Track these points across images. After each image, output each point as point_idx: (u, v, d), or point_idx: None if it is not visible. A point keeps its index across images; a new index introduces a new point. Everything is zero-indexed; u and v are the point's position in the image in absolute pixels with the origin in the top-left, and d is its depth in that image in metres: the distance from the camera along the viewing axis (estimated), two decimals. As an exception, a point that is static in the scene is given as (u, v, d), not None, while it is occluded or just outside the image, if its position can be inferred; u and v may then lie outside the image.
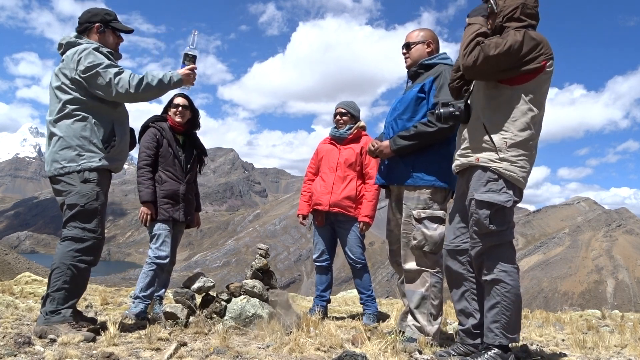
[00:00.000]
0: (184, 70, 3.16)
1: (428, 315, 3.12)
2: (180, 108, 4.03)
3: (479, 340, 2.75)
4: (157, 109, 4.21)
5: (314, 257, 4.57)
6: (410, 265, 3.17)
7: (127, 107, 3.32)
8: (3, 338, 2.65)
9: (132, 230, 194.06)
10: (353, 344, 2.97)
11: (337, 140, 4.51)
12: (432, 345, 3.01)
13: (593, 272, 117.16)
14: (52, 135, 3.04)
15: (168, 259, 3.87)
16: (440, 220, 3.10)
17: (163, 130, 3.98)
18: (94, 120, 3.04)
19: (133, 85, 2.97)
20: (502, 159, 2.55)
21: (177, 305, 3.40)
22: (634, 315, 6.82)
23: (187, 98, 4.09)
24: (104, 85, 2.97)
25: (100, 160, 3.03)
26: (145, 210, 3.85)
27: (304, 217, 4.66)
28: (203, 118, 4.44)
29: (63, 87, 3.02)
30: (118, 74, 2.98)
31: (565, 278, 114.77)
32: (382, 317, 4.56)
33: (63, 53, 3.13)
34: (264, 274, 3.66)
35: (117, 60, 3.21)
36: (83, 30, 3.18)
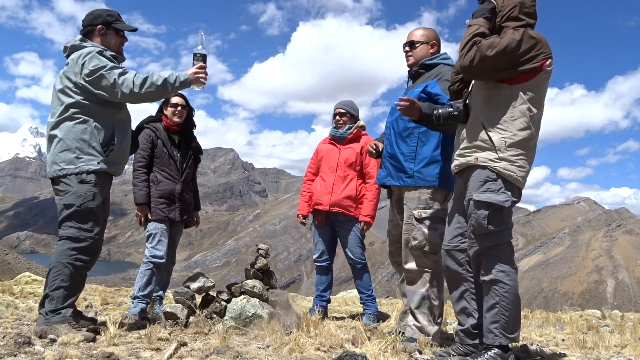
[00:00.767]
0: (192, 70, 3.10)
1: (428, 316, 3.12)
2: (180, 108, 4.03)
3: (478, 341, 2.75)
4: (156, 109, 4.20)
5: (314, 257, 4.57)
6: (411, 266, 3.17)
7: (129, 108, 3.31)
8: (3, 338, 2.65)
9: (132, 230, 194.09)
10: (353, 344, 2.97)
11: (336, 140, 4.52)
12: (432, 346, 3.01)
13: (593, 272, 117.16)
14: (52, 137, 3.05)
15: (164, 258, 3.86)
16: (441, 221, 3.09)
17: (157, 131, 3.98)
18: (95, 124, 3.04)
19: (137, 85, 2.96)
20: (501, 159, 2.53)
21: (177, 305, 3.40)
22: (634, 315, 6.82)
23: (183, 97, 4.09)
24: (109, 87, 2.97)
25: (99, 164, 3.03)
26: (140, 212, 3.86)
27: (304, 217, 4.66)
28: (203, 118, 4.51)
29: (66, 90, 3.02)
30: (122, 74, 2.98)
31: (565, 278, 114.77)
32: (382, 317, 4.56)
33: (68, 56, 3.13)
34: (264, 274, 3.66)
35: (120, 63, 3.20)
36: (86, 33, 3.18)
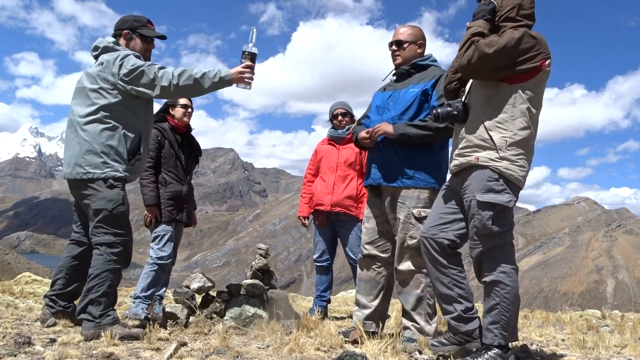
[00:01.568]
0: (237, 68, 2.99)
1: (425, 316, 3.13)
2: (189, 109, 4.05)
3: (473, 327, 2.69)
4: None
5: (314, 257, 4.58)
6: (404, 266, 3.13)
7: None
8: (3, 338, 2.65)
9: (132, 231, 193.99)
10: (353, 343, 2.97)
11: (335, 141, 4.53)
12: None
13: (593, 272, 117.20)
14: (76, 137, 3.00)
15: (170, 260, 3.87)
16: None
17: (164, 131, 3.97)
18: (124, 131, 3.02)
19: (176, 76, 2.94)
20: (502, 158, 2.52)
21: (177, 305, 3.40)
22: (634, 315, 6.82)
23: (189, 98, 4.10)
24: (149, 82, 2.96)
25: (124, 171, 3.02)
26: (150, 213, 3.86)
27: (305, 218, 4.66)
28: (203, 118, 4.57)
29: (101, 91, 2.98)
30: (162, 69, 2.97)
31: (565, 278, 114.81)
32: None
33: (97, 56, 3.12)
34: (264, 274, 3.66)
35: None
36: (115, 37, 3.20)
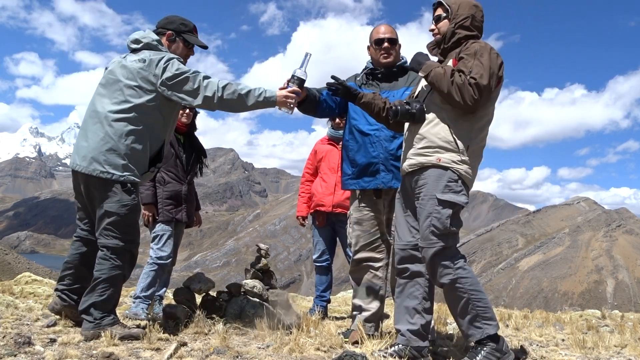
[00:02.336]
0: (283, 92, 2.92)
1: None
2: (188, 110, 4.04)
3: (427, 343, 2.70)
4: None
5: (314, 257, 4.57)
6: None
7: None
8: (3, 338, 2.65)
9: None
10: (353, 344, 2.97)
11: (336, 141, 4.51)
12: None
13: (593, 272, 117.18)
14: (101, 131, 2.86)
15: (170, 260, 3.87)
16: None
17: None
18: (150, 136, 2.95)
19: (220, 89, 2.88)
20: (462, 161, 2.58)
21: (177, 305, 3.40)
22: (634, 315, 6.82)
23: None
24: (192, 90, 2.88)
25: (141, 176, 2.98)
26: (147, 212, 3.86)
27: (304, 218, 4.66)
28: (203, 118, 4.52)
29: (138, 90, 2.89)
30: (207, 78, 2.91)
31: (565, 278, 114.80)
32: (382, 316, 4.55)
33: (136, 50, 3.02)
34: (264, 274, 3.66)
35: None
36: (161, 33, 3.13)
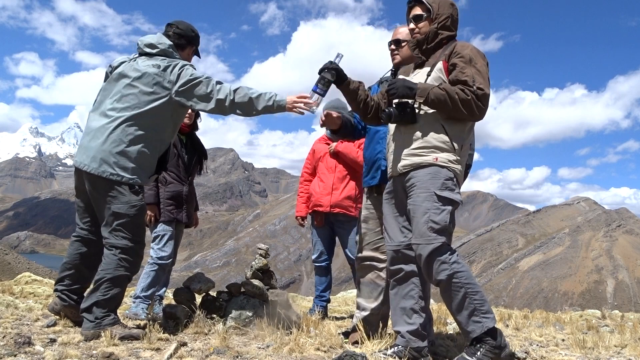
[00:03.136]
0: (292, 97, 2.93)
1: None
2: (190, 110, 4.05)
3: (426, 343, 2.69)
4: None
5: (313, 258, 4.56)
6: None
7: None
8: (3, 338, 2.65)
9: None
10: (353, 344, 2.97)
11: (335, 140, 4.50)
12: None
13: (593, 272, 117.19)
14: (113, 133, 2.87)
15: (170, 260, 3.88)
16: None
17: None
18: (159, 141, 3.00)
19: (232, 92, 2.91)
20: (457, 161, 2.60)
21: (177, 305, 3.40)
22: (634, 315, 6.82)
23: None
24: (205, 95, 2.91)
25: (148, 178, 3.03)
26: (149, 212, 3.86)
27: (303, 218, 4.65)
28: (204, 118, 4.48)
29: (153, 95, 2.91)
30: (219, 83, 2.95)
31: (565, 278, 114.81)
32: (382, 317, 4.56)
33: (150, 55, 3.02)
34: (264, 274, 3.66)
35: None
36: (179, 45, 3.13)
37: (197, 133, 4.27)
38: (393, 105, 2.69)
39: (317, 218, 4.47)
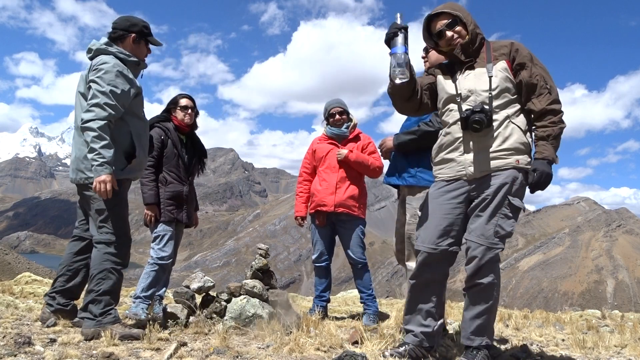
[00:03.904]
0: (106, 179, 2.87)
1: None
2: (190, 110, 4.06)
3: (433, 344, 2.71)
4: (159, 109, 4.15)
5: (313, 258, 4.53)
6: (412, 264, 3.18)
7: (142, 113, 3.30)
8: (3, 338, 2.65)
9: (132, 230, 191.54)
10: (352, 344, 2.97)
11: (337, 139, 4.48)
12: (398, 344, 3.01)
13: (593, 272, 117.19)
14: (77, 142, 3.10)
15: (170, 260, 3.88)
16: None
17: (168, 131, 3.98)
18: (117, 136, 3.04)
19: (96, 128, 2.89)
20: (529, 163, 2.57)
21: (177, 305, 3.40)
22: (634, 315, 6.82)
23: (192, 99, 4.12)
24: (90, 101, 2.96)
25: (122, 171, 3.08)
26: (150, 212, 3.86)
27: (303, 218, 4.63)
28: (204, 118, 4.53)
29: (87, 95, 3.04)
30: (101, 107, 2.93)
31: (565, 278, 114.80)
32: (382, 317, 4.56)
33: (92, 58, 3.13)
34: (264, 274, 3.66)
35: (142, 70, 3.27)
36: (117, 37, 3.17)
37: (197, 133, 4.27)
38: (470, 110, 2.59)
39: (319, 218, 4.44)
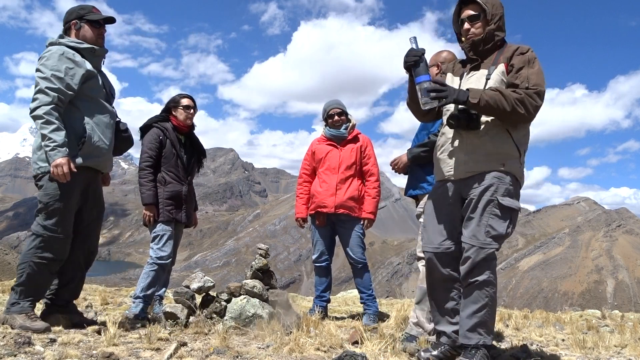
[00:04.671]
0: (58, 160, 2.89)
1: (427, 313, 3.13)
2: (192, 110, 4.06)
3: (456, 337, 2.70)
4: (158, 109, 4.19)
5: (314, 258, 4.54)
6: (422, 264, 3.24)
7: (106, 105, 3.30)
8: (3, 338, 2.65)
9: (132, 230, 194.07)
10: (353, 344, 2.97)
11: (336, 140, 4.49)
12: (432, 345, 3.01)
13: (593, 272, 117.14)
14: (36, 133, 3.16)
15: (170, 260, 3.87)
16: None
17: (167, 131, 3.97)
18: (63, 120, 3.06)
19: (35, 110, 2.95)
20: (521, 166, 2.61)
21: (177, 305, 3.40)
22: (634, 315, 6.82)
23: (192, 99, 4.12)
24: (36, 89, 3.01)
25: (76, 158, 3.06)
26: (149, 212, 3.86)
27: (304, 220, 4.63)
28: (204, 118, 4.54)
29: None
30: (43, 92, 2.98)
31: (565, 278, 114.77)
32: (382, 317, 4.56)
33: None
34: (264, 274, 3.66)
35: (100, 54, 3.25)
36: (65, 31, 3.26)
37: (197, 132, 4.27)
38: (458, 111, 2.63)
39: (319, 218, 4.45)
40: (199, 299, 3.63)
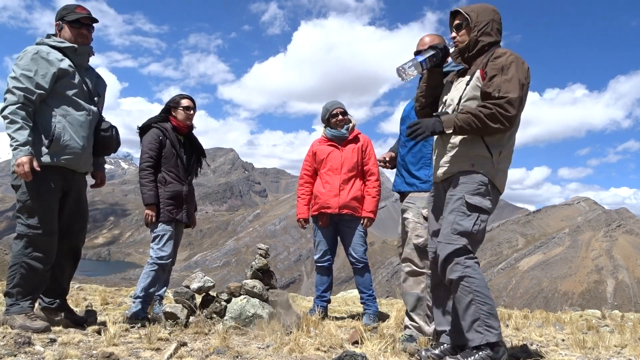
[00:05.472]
0: (22, 161, 2.90)
1: (424, 317, 3.14)
2: (192, 111, 4.06)
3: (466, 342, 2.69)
4: (158, 109, 4.19)
5: (316, 257, 4.54)
6: (406, 266, 3.21)
7: (92, 106, 3.31)
8: (3, 338, 2.65)
9: (132, 230, 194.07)
10: (353, 344, 2.97)
11: (337, 141, 4.49)
12: (432, 345, 3.01)
13: (593, 272, 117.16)
14: None
15: (170, 260, 3.87)
16: None
17: (166, 131, 3.98)
18: (39, 123, 3.08)
19: (8, 114, 2.95)
20: (495, 167, 2.61)
21: (177, 305, 3.40)
22: (634, 315, 6.82)
23: (193, 100, 4.12)
24: (6, 91, 3.05)
25: (43, 157, 3.05)
26: (150, 213, 3.86)
27: (305, 220, 4.63)
28: (204, 118, 4.53)
29: None
30: (10, 92, 3.01)
31: (565, 278, 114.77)
32: (382, 317, 4.56)
33: None
34: (264, 274, 3.66)
35: (83, 52, 3.23)
36: (58, 29, 3.30)
37: (197, 133, 4.27)
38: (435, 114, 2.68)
39: (322, 218, 4.45)
40: (199, 299, 3.63)
